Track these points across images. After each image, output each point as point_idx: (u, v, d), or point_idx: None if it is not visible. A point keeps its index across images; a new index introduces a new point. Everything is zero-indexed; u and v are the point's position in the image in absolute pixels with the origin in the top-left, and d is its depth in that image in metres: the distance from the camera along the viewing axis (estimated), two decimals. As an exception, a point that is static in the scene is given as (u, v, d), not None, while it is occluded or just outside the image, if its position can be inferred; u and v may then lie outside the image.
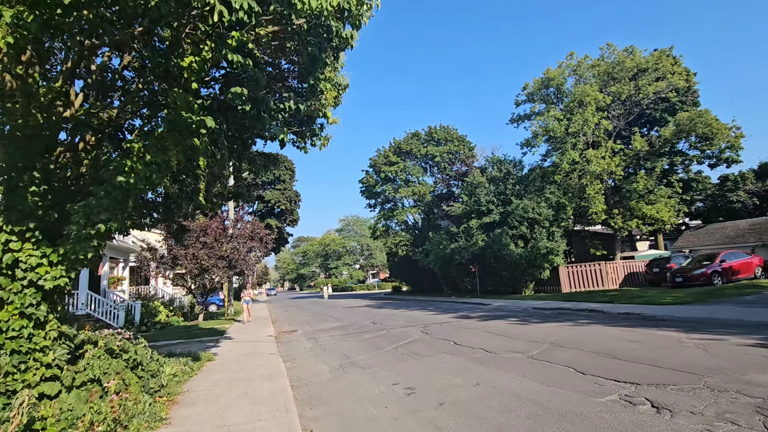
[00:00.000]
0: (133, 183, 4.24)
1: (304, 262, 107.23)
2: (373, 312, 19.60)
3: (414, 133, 38.63)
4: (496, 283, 29.20)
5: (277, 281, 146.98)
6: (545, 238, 25.45)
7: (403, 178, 36.77)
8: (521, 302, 20.28)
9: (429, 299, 29.72)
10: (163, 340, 13.50)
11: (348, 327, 14.14)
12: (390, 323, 13.95)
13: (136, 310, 17.57)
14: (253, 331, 15.02)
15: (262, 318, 20.94)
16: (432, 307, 20.01)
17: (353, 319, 16.88)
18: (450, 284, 36.74)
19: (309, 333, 13.77)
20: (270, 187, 41.58)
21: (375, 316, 17.31)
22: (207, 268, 17.60)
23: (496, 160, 28.12)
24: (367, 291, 66.05)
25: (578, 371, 5.66)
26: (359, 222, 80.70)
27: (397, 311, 18.85)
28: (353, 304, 28.05)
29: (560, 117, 23.95)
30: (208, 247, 18.64)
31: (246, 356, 9.41)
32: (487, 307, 18.86)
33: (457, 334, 9.89)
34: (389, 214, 37.90)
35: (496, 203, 26.59)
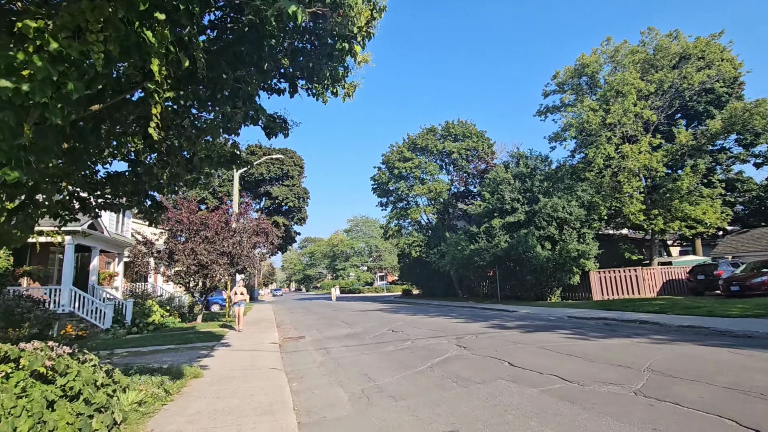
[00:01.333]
0: (29, 93, 2.37)
1: (311, 262, 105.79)
2: (389, 317, 17.65)
3: (430, 128, 36.72)
4: (517, 288, 27.05)
5: (283, 282, 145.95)
6: (575, 240, 23.30)
7: (417, 175, 34.83)
8: (551, 310, 18.17)
9: (444, 304, 27.66)
10: (150, 345, 11.70)
11: (363, 335, 12.20)
12: (412, 332, 11.98)
13: (126, 310, 15.85)
14: (255, 336, 13.16)
15: (265, 321, 19.12)
16: (454, 314, 17.99)
17: (367, 325, 14.94)
18: (465, 288, 34.66)
19: (318, 341, 11.86)
20: (278, 182, 39.92)
21: (392, 322, 15.35)
22: (206, 264, 15.81)
23: (521, 155, 26.04)
24: (376, 293, 64.07)
25: (748, 427, 3.66)
26: (368, 222, 78.87)
27: (416, 317, 16.87)
28: (364, 308, 26.13)
29: (595, 107, 21.83)
30: (209, 241, 16.89)
31: (242, 372, 7.53)
32: (515, 314, 16.78)
33: (505, 351, 7.90)
34: (402, 213, 35.96)
35: (522, 201, 24.50)
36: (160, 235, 17.15)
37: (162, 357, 9.66)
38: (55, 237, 13.72)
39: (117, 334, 13.87)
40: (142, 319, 16.06)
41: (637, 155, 22.02)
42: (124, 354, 10.40)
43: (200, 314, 18.27)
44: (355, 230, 79.88)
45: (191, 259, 16.10)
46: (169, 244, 16.59)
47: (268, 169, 38.36)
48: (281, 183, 39.92)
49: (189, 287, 17.22)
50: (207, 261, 15.65)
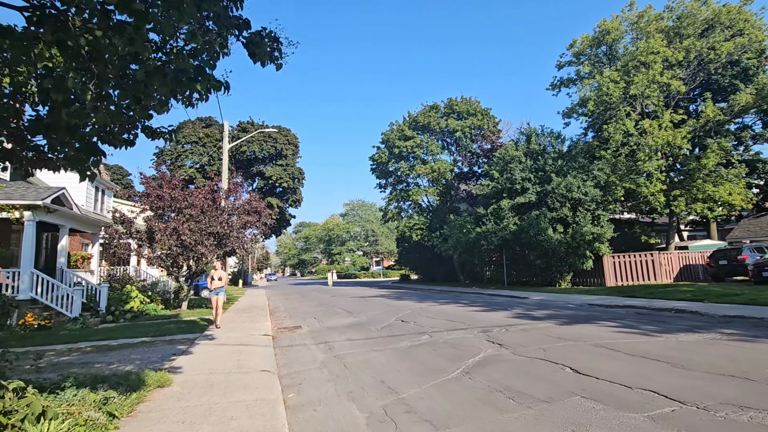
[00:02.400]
0: None
1: (306, 247, 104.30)
2: (394, 305, 16.15)
3: (432, 106, 34.73)
4: (524, 273, 25.73)
5: (277, 266, 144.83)
6: (589, 222, 21.85)
7: (418, 155, 33.00)
8: (567, 297, 16.81)
9: (448, 290, 26.30)
10: (122, 338, 10.05)
11: (369, 326, 10.65)
12: (426, 323, 10.45)
13: (100, 296, 14.14)
14: (244, 326, 11.56)
15: (258, 307, 17.56)
16: (465, 300, 16.54)
17: (371, 313, 13.41)
18: (468, 274, 33.37)
19: (317, 332, 10.30)
20: (271, 162, 37.89)
21: (399, 310, 13.83)
22: (189, 245, 14.07)
23: (533, 131, 24.33)
24: (373, 279, 62.83)
25: None
26: (364, 206, 77.13)
27: (424, 305, 15.38)
28: (363, 293, 24.67)
29: (616, 78, 20.06)
30: (194, 220, 15.13)
31: (224, 377, 5.92)
32: (530, 302, 15.36)
33: (556, 351, 6.36)
34: (402, 195, 34.26)
35: (533, 181, 22.91)
36: (139, 214, 15.34)
37: (130, 354, 8.04)
38: (12, 212, 11.70)
39: (87, 324, 12.19)
40: (119, 306, 14.39)
41: (659, 131, 20.42)
42: (88, 349, 8.76)
43: (186, 300, 16.63)
44: (351, 214, 78.10)
45: (173, 240, 14.35)
46: (149, 223, 14.80)
47: (260, 147, 36.26)
48: (275, 162, 37.87)
49: (172, 271, 15.52)
50: (190, 242, 13.91)
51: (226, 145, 21.88)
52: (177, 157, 34.67)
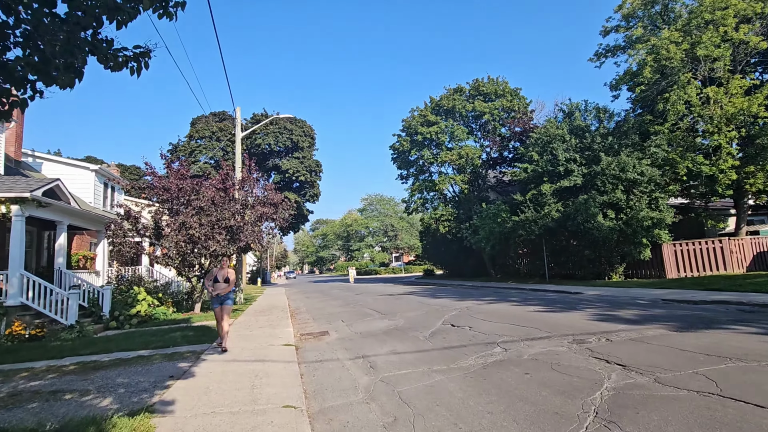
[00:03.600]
0: None
1: (324, 244, 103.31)
2: (432, 303, 14.12)
3: (456, 89, 32.36)
4: (566, 265, 23.29)
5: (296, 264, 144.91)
6: (646, 206, 19.29)
7: (443, 141, 30.75)
8: (628, 291, 14.47)
9: (483, 285, 24.10)
10: (117, 351, 8.35)
11: (412, 331, 8.67)
12: (485, 328, 8.39)
13: (104, 299, 12.61)
14: (262, 333, 9.75)
15: (277, 308, 15.83)
16: (515, 298, 14.36)
17: (410, 315, 11.43)
18: (499, 267, 31.03)
19: (350, 340, 8.38)
20: (287, 155, 36.24)
21: (442, 310, 11.80)
22: (198, 239, 12.36)
23: (575, 107, 21.76)
24: (394, 275, 60.91)
25: None
26: (383, 201, 75.12)
27: (469, 303, 13.30)
28: (391, 290, 22.73)
29: (678, 38, 17.38)
30: (204, 213, 13.45)
31: (231, 421, 4.05)
32: (588, 297, 13.07)
33: (732, 379, 4.24)
34: (427, 185, 32.08)
35: (579, 162, 20.42)
36: (145, 207, 13.73)
37: (118, 376, 6.28)
38: (-5, 206, 9.81)
39: (85, 332, 10.62)
40: (124, 310, 12.84)
41: (728, 99, 17.65)
42: (70, 368, 7.06)
43: (199, 302, 15.02)
44: (370, 209, 76.19)
45: (181, 235, 12.68)
46: (156, 217, 13.19)
47: (276, 139, 34.63)
48: (291, 155, 36.18)
49: (182, 270, 13.90)
50: (200, 236, 12.20)
51: (239, 133, 20.19)
52: (191, 152, 33.40)
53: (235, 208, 13.34)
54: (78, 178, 20.02)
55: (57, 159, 19.66)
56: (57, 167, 19.69)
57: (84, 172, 19.81)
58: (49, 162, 19.64)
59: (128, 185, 16.08)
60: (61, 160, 19.71)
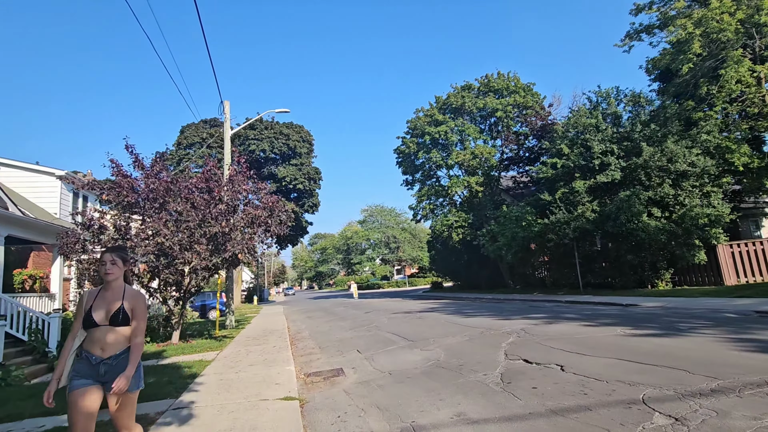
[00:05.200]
0: None
1: (323, 258, 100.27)
2: (466, 324, 11.36)
3: (465, 86, 30.18)
4: (605, 272, 20.61)
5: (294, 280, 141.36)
6: (698, 201, 16.80)
7: (453, 140, 28.37)
8: (695, 301, 11.83)
9: (506, 298, 21.32)
10: (30, 416, 5.56)
11: (469, 372, 5.91)
12: (590, 367, 5.67)
13: (50, 330, 9.81)
14: (252, 373, 6.93)
15: (275, 333, 13.01)
16: (570, 313, 11.62)
17: (446, 341, 8.67)
18: (519, 277, 28.31)
19: (379, 389, 5.59)
20: (284, 162, 33.72)
21: (487, 335, 9.05)
22: (168, 250, 9.64)
23: (606, 94, 19.40)
24: (398, 288, 57.90)
25: None
26: (384, 212, 72.50)
27: (520, 323, 10.57)
28: (404, 307, 19.90)
29: (730, 8, 15.16)
30: (183, 220, 10.78)
31: None
32: (658, 311, 10.37)
33: None
34: (436, 190, 29.56)
35: (616, 153, 17.96)
36: (99, 213, 11.01)
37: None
38: None
39: (11, 378, 7.78)
40: (78, 343, 10.00)
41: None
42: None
43: (178, 329, 12.17)
44: (370, 221, 73.46)
45: (151, 244, 9.95)
46: (117, 223, 10.47)
47: (271, 145, 32.14)
48: (288, 163, 33.67)
49: (149, 288, 11.13)
50: (171, 245, 9.49)
51: (228, 130, 17.66)
52: (179, 161, 30.79)
53: (218, 209, 10.66)
54: (41, 186, 17.35)
55: (14, 163, 16.98)
56: (15, 174, 17.03)
57: (48, 179, 17.14)
58: (6, 167, 16.98)
59: (106, 195, 13.26)
60: (20, 164, 17.04)
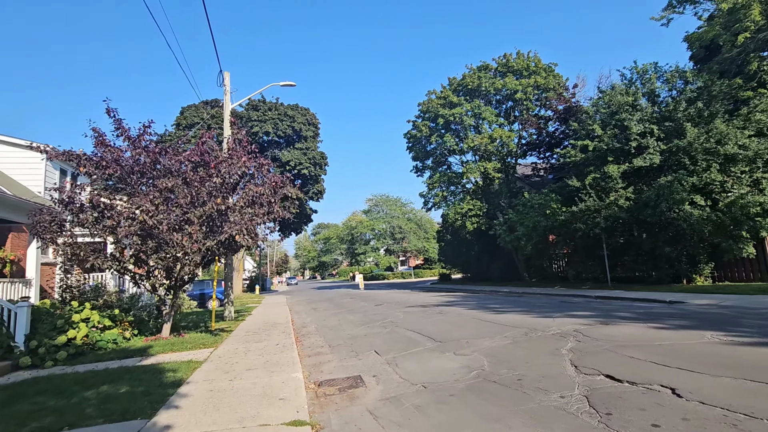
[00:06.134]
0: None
1: (326, 249, 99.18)
2: (499, 322, 9.88)
3: (482, 66, 28.34)
4: (633, 266, 19.08)
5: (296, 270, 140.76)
6: (747, 189, 15.15)
7: (469, 124, 26.67)
8: (752, 298, 10.29)
9: (526, 291, 19.81)
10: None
11: (534, 391, 4.41)
12: (712, 392, 4.18)
13: (17, 321, 8.44)
14: (251, 382, 5.44)
15: (277, 327, 11.61)
16: (623, 313, 10.08)
17: (483, 343, 7.17)
18: (535, 270, 26.83)
19: (416, 411, 4.07)
20: (288, 146, 32.15)
21: (532, 336, 7.55)
22: (153, 230, 8.19)
23: (644, 70, 17.59)
24: (404, 279, 56.58)
25: None
26: (389, 201, 70.90)
27: (566, 322, 9.07)
28: (417, 299, 18.47)
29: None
30: (173, 199, 9.33)
31: None
32: (712, 307, 8.81)
33: None
34: (449, 177, 27.94)
35: (656, 135, 16.26)
36: (83, 189, 9.55)
37: None
38: None
39: (-42, 382, 6.41)
40: (51, 338, 8.64)
41: None
42: None
43: (169, 322, 10.77)
44: (375, 210, 71.96)
45: (134, 223, 8.49)
46: (93, 199, 8.99)
47: (275, 127, 30.54)
48: (292, 146, 32.11)
49: (136, 277, 9.73)
50: (154, 224, 8.02)
51: (228, 103, 16.12)
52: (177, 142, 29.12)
53: (213, 182, 9.16)
54: (22, 163, 15.93)
55: (-4, 137, 15.55)
56: (-3, 148, 15.62)
57: (30, 153, 15.67)
58: (-13, 141, 15.55)
59: (84, 167, 11.57)
60: (3, 138, 15.60)
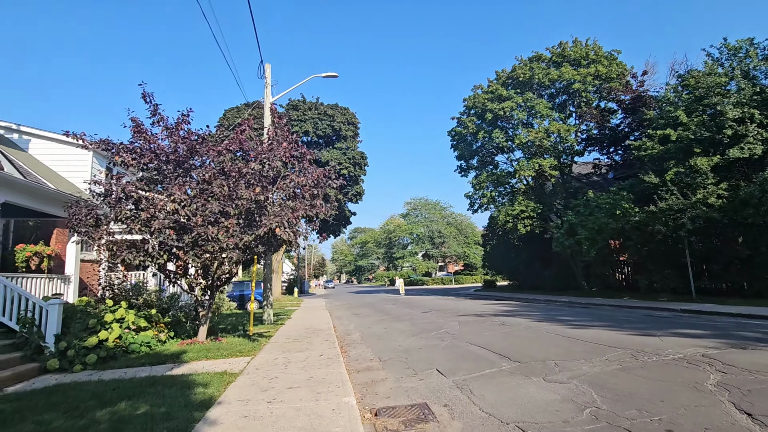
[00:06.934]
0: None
1: (363, 253, 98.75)
2: (581, 338, 8.16)
3: (534, 56, 26.33)
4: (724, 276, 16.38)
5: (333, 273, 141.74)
6: None
7: (521, 118, 24.71)
8: None
9: (592, 302, 17.57)
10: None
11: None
12: None
13: (47, 320, 7.85)
14: (292, 406, 4.24)
15: (319, 333, 10.47)
16: (750, 331, 8.10)
17: (579, 367, 5.54)
18: (596, 278, 24.25)
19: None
20: (327, 146, 31.57)
21: (641, 359, 5.81)
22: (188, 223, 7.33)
23: (734, 48, 15.03)
24: (443, 285, 54.56)
25: None
26: (428, 205, 69.13)
27: (669, 342, 7.24)
28: (468, 308, 16.80)
29: None
30: (207, 192, 8.50)
31: None
32: None
33: None
34: (497, 176, 26.04)
35: (758, 121, 13.76)
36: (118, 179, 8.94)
37: None
38: None
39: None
40: (82, 339, 7.98)
41: None
42: None
43: (205, 324, 9.95)
44: (413, 214, 70.42)
45: (168, 214, 7.69)
46: (127, 188, 8.31)
47: (314, 126, 30.03)
48: (332, 146, 31.50)
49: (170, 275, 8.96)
50: (188, 214, 7.14)
51: (268, 96, 15.45)
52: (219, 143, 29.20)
53: (251, 170, 8.22)
54: (72, 160, 16.02)
55: (48, 135, 15.76)
56: (48, 145, 15.84)
57: (77, 151, 15.72)
58: (39, 139, 15.80)
59: (120, 156, 11.10)
60: (53, 135, 15.79)
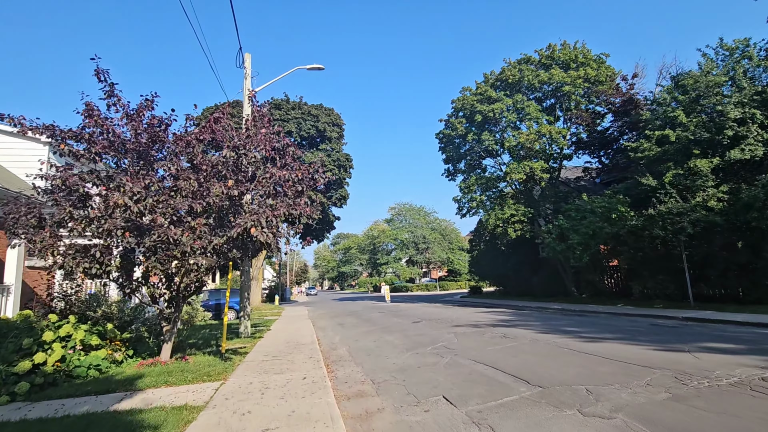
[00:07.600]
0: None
1: (346, 259, 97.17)
2: (604, 355, 7.26)
3: (523, 58, 25.91)
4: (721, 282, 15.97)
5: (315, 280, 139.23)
6: None
7: (511, 120, 24.16)
8: None
9: (586, 309, 16.88)
10: None
11: None
12: None
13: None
14: None
15: (301, 349, 9.24)
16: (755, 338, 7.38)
17: (620, 396, 4.59)
18: (585, 284, 23.74)
19: None
20: (311, 147, 30.31)
21: (699, 388, 4.95)
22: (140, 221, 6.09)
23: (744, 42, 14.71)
24: (428, 292, 53.66)
25: None
26: (412, 211, 68.39)
27: (706, 361, 6.40)
28: (460, 317, 15.83)
29: None
30: (171, 186, 7.28)
31: None
32: None
33: None
34: (486, 180, 25.37)
35: (759, 121, 13.40)
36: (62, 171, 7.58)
37: None
38: None
39: None
40: (11, 363, 6.57)
41: None
42: None
43: (170, 341, 8.59)
44: (397, 219, 69.53)
45: (118, 216, 6.42)
46: (68, 180, 7.00)
47: (298, 126, 28.75)
48: (316, 147, 30.27)
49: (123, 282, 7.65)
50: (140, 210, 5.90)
51: (247, 86, 14.28)
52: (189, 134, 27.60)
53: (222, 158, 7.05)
54: (26, 155, 14.36)
55: (-5, 126, 14.07)
56: (-3, 138, 14.15)
57: (32, 144, 14.13)
58: (-15, 130, 14.09)
59: (65, 145, 9.66)
60: (4, 128, 14.12)
